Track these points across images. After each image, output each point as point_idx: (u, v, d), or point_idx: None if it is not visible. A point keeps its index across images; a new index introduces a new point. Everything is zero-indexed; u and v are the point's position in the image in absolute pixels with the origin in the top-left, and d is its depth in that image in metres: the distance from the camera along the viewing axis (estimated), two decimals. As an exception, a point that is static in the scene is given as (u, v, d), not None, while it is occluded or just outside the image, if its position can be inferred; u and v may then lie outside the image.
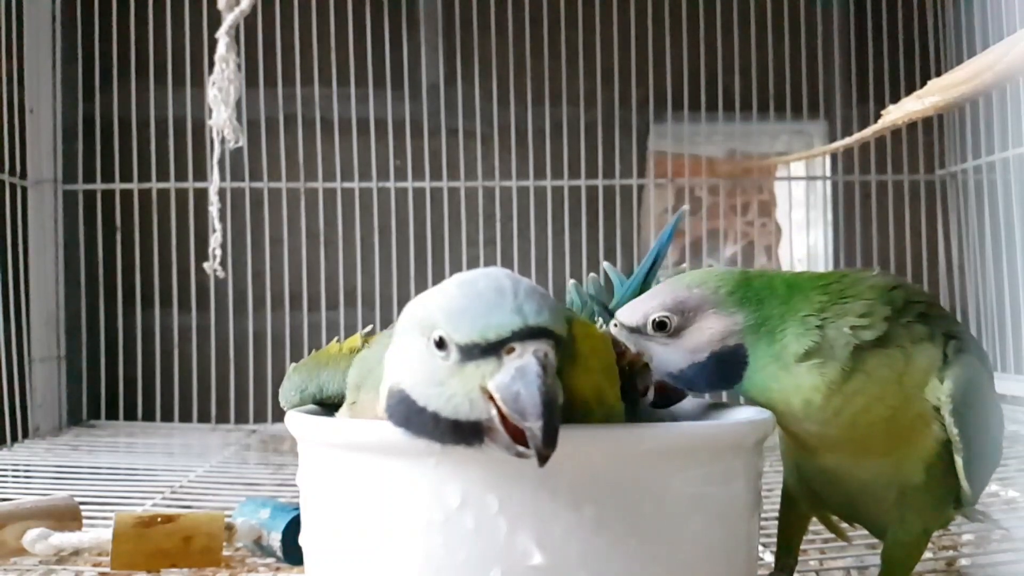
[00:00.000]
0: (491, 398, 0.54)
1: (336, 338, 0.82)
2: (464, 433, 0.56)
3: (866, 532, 0.81)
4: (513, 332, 0.54)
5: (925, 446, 0.69)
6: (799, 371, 0.67)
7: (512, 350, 0.54)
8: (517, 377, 0.53)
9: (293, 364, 0.80)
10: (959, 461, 0.68)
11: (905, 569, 0.75)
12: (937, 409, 0.68)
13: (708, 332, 0.69)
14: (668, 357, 0.70)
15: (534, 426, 0.53)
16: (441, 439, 0.57)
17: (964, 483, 0.69)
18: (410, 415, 0.58)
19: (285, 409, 0.77)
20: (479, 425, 0.55)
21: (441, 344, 0.56)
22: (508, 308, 0.55)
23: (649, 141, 2.03)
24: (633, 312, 0.71)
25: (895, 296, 0.70)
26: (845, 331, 0.67)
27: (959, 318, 1.93)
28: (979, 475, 0.71)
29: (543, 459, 0.53)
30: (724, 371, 0.69)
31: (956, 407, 0.67)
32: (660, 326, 0.70)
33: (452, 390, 0.56)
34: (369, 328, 0.81)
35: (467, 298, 0.56)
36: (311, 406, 0.74)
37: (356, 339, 0.78)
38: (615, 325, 0.72)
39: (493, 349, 0.54)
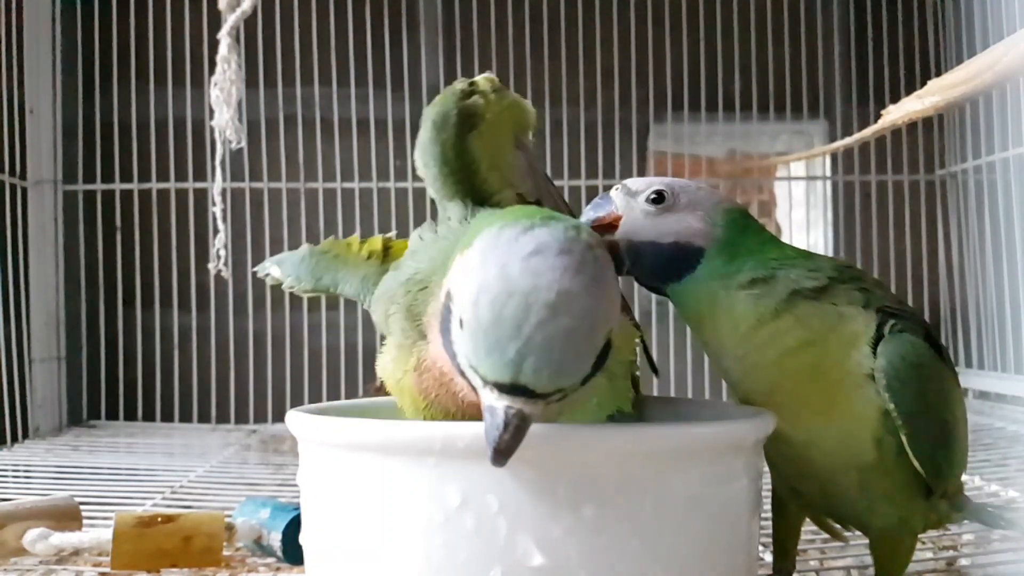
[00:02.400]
0: None
1: (356, 238, 0.81)
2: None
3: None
4: (497, 384, 0.53)
5: (866, 416, 0.70)
6: (737, 296, 0.70)
7: (494, 391, 0.54)
8: (488, 411, 0.54)
9: (309, 245, 0.80)
10: (904, 439, 0.69)
11: (895, 562, 0.75)
12: (873, 379, 0.69)
13: (684, 224, 0.72)
14: (641, 226, 0.73)
15: (487, 450, 0.54)
16: (458, 370, 0.58)
17: (914, 461, 0.70)
18: (447, 345, 0.58)
19: (282, 283, 0.80)
20: None
21: (462, 326, 0.56)
22: (509, 354, 0.52)
23: (649, 141, 2.03)
24: (641, 181, 0.76)
25: (846, 271, 0.73)
26: (791, 276, 0.70)
27: (959, 318, 1.93)
28: (931, 457, 0.71)
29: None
30: (672, 264, 0.72)
31: (889, 381, 0.69)
32: (657, 198, 0.73)
33: (460, 355, 0.57)
34: (392, 233, 0.81)
35: (488, 317, 0.53)
36: (311, 405, 0.74)
37: (377, 242, 0.79)
38: (617, 188, 0.76)
39: (483, 381, 0.55)
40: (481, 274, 0.54)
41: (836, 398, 0.70)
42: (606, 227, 0.74)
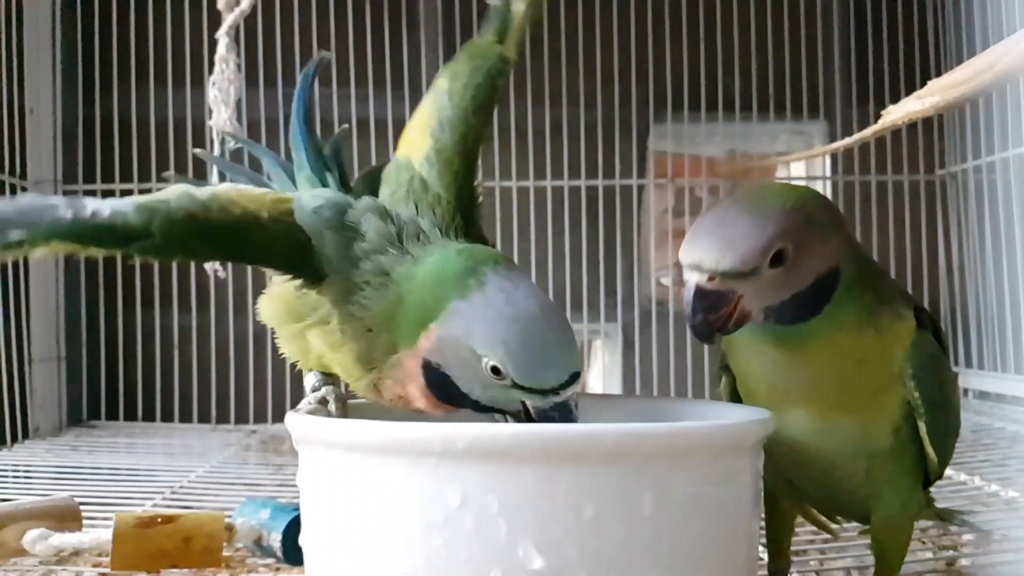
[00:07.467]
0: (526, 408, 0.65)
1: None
2: (492, 412, 0.66)
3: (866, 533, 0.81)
4: (562, 383, 0.63)
5: (891, 406, 0.71)
6: (855, 327, 0.68)
7: (557, 393, 0.64)
8: (556, 409, 0.64)
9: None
10: (923, 426, 0.71)
11: (897, 550, 0.76)
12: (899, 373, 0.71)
13: (815, 256, 0.64)
14: (771, 291, 0.64)
15: None
16: (473, 409, 0.66)
17: (928, 448, 0.72)
18: (451, 393, 0.66)
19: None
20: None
21: (497, 371, 0.63)
22: (563, 360, 0.63)
23: (649, 141, 2.03)
24: (737, 252, 0.62)
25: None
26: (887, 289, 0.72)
27: (959, 318, 1.93)
28: (943, 443, 0.73)
29: None
30: (814, 298, 0.65)
31: (916, 372, 0.70)
32: (778, 259, 0.63)
33: (496, 395, 0.65)
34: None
35: (530, 347, 0.63)
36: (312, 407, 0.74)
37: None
38: (702, 274, 0.63)
39: (544, 392, 0.64)
40: (499, 335, 0.63)
41: (871, 396, 0.71)
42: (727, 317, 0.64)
